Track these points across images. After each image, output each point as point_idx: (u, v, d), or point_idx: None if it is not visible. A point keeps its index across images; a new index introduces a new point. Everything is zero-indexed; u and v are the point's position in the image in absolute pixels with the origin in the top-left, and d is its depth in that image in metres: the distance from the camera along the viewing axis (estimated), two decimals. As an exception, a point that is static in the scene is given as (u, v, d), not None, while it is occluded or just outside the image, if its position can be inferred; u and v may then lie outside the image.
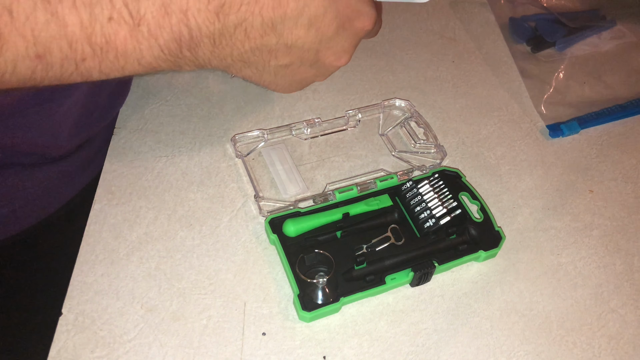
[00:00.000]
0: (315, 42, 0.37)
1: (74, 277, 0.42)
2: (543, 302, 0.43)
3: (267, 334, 0.40)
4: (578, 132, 0.56)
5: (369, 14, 0.38)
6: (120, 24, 0.28)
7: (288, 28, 0.34)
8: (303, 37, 0.35)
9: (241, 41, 0.33)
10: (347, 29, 0.38)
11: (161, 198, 0.48)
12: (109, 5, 0.28)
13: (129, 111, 0.55)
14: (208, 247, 0.45)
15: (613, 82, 0.63)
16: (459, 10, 0.71)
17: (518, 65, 0.64)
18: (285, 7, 0.33)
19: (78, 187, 0.54)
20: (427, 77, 0.62)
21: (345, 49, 0.39)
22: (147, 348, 0.39)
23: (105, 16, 0.28)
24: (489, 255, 0.45)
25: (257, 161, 0.51)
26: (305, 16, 0.34)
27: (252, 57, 0.36)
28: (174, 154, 0.51)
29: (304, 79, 0.41)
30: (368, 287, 0.41)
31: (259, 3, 0.32)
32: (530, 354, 0.40)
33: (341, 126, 0.55)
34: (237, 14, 0.32)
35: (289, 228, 0.44)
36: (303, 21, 0.34)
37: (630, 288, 0.45)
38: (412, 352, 0.40)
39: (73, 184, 0.53)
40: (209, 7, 0.30)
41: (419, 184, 0.47)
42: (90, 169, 0.55)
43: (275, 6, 0.33)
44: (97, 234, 0.45)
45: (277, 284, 0.43)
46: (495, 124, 0.57)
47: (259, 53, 0.36)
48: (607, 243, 0.48)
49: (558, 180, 0.52)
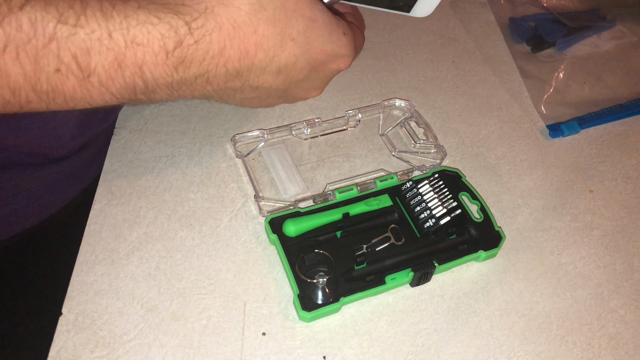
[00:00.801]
0: (284, 84, 0.36)
1: (74, 277, 0.42)
2: (543, 302, 0.43)
3: (267, 334, 0.40)
4: (578, 132, 0.56)
5: (346, 56, 0.37)
6: (67, 76, 0.28)
7: (254, 75, 0.34)
8: (270, 81, 0.35)
9: (202, 86, 0.33)
10: (319, 71, 0.37)
11: (161, 198, 0.48)
12: (55, 58, 0.27)
13: (129, 111, 0.55)
14: (208, 247, 0.45)
15: (613, 82, 0.63)
16: (459, 10, 0.71)
17: (518, 65, 0.64)
18: (252, 58, 0.32)
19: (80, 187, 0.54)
20: (427, 77, 0.62)
21: (316, 86, 0.39)
22: (147, 348, 0.39)
23: (51, 68, 0.28)
24: (489, 255, 0.45)
25: (257, 161, 0.51)
26: (274, 65, 0.34)
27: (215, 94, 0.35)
28: (174, 154, 0.51)
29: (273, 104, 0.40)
30: (368, 287, 0.41)
31: (224, 56, 0.31)
32: (530, 354, 0.40)
33: (341, 126, 0.55)
34: (200, 67, 0.31)
35: (289, 228, 0.44)
36: (271, 69, 0.34)
37: (630, 288, 0.45)
38: (412, 352, 0.40)
39: (75, 184, 0.53)
40: (166, 62, 0.29)
41: (419, 184, 0.47)
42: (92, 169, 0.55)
43: (241, 58, 0.32)
44: (97, 234, 0.45)
45: (277, 284, 0.43)
46: (495, 124, 0.57)
47: (222, 92, 0.35)
48: (607, 243, 0.48)
49: (558, 180, 0.52)
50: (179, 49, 0.29)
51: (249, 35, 0.31)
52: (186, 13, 0.29)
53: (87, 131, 0.51)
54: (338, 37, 0.36)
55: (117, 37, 0.28)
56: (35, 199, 0.50)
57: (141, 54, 0.29)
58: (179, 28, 0.29)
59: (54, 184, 0.51)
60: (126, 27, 0.28)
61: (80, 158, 0.52)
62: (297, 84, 0.37)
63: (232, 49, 0.31)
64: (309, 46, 0.34)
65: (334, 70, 0.38)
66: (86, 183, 0.55)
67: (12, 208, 0.48)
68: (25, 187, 0.48)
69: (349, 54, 0.37)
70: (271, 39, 0.32)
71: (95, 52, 0.28)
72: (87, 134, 0.51)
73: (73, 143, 0.50)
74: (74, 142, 0.50)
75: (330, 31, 0.35)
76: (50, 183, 0.50)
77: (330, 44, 0.36)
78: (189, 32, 0.29)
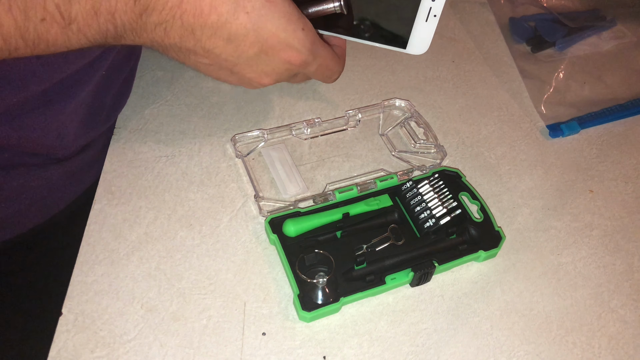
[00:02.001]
0: (233, 56, 0.38)
1: (74, 277, 0.42)
2: (543, 302, 0.43)
3: (267, 334, 0.40)
4: (578, 132, 0.56)
5: (298, 50, 0.39)
6: (52, 24, 0.31)
7: (206, 36, 0.36)
8: (220, 47, 0.37)
9: (161, 37, 0.35)
10: (270, 56, 0.38)
11: (161, 198, 0.48)
12: (41, 9, 0.30)
13: (129, 111, 0.55)
14: (208, 247, 0.45)
15: (613, 82, 0.63)
16: (459, 10, 0.71)
17: (518, 65, 0.64)
18: (206, 17, 0.34)
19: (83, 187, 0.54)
20: (427, 77, 0.62)
21: (267, 72, 0.40)
22: (147, 348, 0.39)
23: (38, 17, 0.30)
24: (489, 255, 0.45)
25: (257, 161, 0.51)
26: (225, 30, 0.36)
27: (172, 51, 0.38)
28: (174, 154, 0.51)
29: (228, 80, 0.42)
30: (368, 287, 0.42)
31: (180, 9, 0.34)
32: (530, 354, 0.40)
33: (341, 126, 0.55)
34: (159, 15, 0.34)
35: (289, 228, 0.44)
36: (222, 34, 0.36)
37: (630, 288, 0.45)
38: (412, 352, 0.40)
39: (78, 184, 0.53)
40: (134, 9, 0.33)
41: (419, 184, 0.47)
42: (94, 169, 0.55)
43: (196, 14, 0.34)
44: (97, 234, 0.45)
45: (277, 284, 0.43)
46: (495, 124, 0.57)
47: (177, 49, 0.37)
48: (607, 243, 0.48)
49: (558, 180, 0.52)
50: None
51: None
52: None
53: (90, 131, 0.51)
54: (294, 29, 0.37)
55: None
56: (38, 199, 0.50)
57: (114, 1, 0.32)
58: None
59: (57, 184, 0.51)
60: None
61: (82, 158, 0.52)
62: (247, 61, 0.38)
63: (188, 4, 0.34)
64: (261, 24, 0.36)
65: (284, 60, 0.39)
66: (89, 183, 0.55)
67: (16, 208, 0.49)
68: (28, 188, 0.48)
69: (301, 49, 0.39)
70: (226, 5, 0.35)
71: (75, 1, 0.31)
72: (90, 134, 0.51)
73: (76, 143, 0.50)
74: (77, 142, 0.50)
75: (288, 19, 0.37)
76: (53, 183, 0.50)
77: (284, 32, 0.37)
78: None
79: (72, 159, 0.51)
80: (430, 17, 0.43)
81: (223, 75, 0.41)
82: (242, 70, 0.40)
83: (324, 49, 0.41)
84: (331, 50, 0.43)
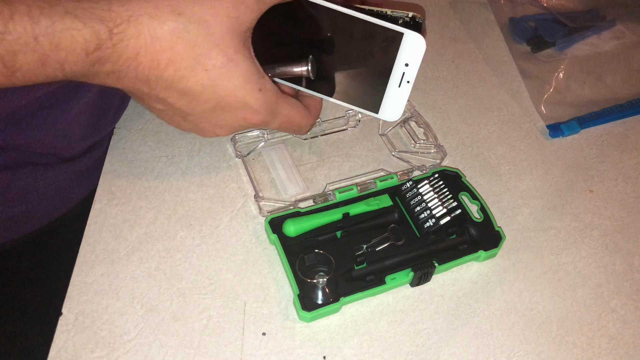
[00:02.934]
0: (187, 108, 0.37)
1: (74, 277, 0.42)
2: (543, 302, 0.43)
3: (267, 334, 0.40)
4: (578, 132, 0.56)
5: (256, 110, 0.38)
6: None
7: (161, 87, 0.35)
8: (174, 99, 0.36)
9: (114, 81, 0.35)
10: (226, 112, 0.38)
11: (161, 198, 0.48)
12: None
13: (129, 111, 0.55)
14: (208, 247, 0.45)
15: (613, 82, 0.63)
16: (459, 10, 0.71)
17: (518, 65, 0.64)
18: (162, 71, 0.34)
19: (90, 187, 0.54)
20: (427, 77, 0.62)
21: (221, 126, 0.40)
22: (147, 348, 0.39)
23: None
24: (489, 255, 0.45)
25: (257, 161, 0.51)
26: (180, 85, 0.35)
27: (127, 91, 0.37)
28: (174, 154, 0.51)
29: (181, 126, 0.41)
30: (368, 287, 0.41)
31: (136, 61, 0.33)
32: (530, 354, 0.40)
33: (341, 126, 0.55)
34: (113, 65, 0.33)
35: (289, 228, 0.44)
36: (177, 88, 0.35)
37: (630, 288, 0.45)
38: (412, 352, 0.40)
39: (85, 184, 0.54)
40: (85, 60, 0.32)
41: (419, 184, 0.47)
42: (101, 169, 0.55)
43: (152, 67, 0.34)
44: (97, 234, 0.45)
45: (277, 284, 0.43)
46: (495, 124, 0.57)
47: (131, 92, 0.37)
48: (607, 243, 0.48)
49: (558, 180, 0.52)
50: (98, 50, 0.32)
51: (165, 50, 0.33)
52: (110, 19, 0.32)
53: (96, 132, 0.51)
54: (252, 89, 0.37)
55: (42, 41, 0.30)
56: (46, 198, 0.50)
57: (64, 55, 0.31)
58: (101, 33, 0.32)
59: (64, 184, 0.51)
60: (52, 33, 0.30)
61: (89, 158, 0.52)
62: (202, 114, 0.38)
63: (145, 57, 0.33)
64: (219, 82, 0.36)
65: (241, 119, 0.39)
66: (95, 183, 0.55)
67: (23, 208, 0.49)
68: (35, 187, 0.48)
69: (259, 109, 0.38)
70: (184, 61, 0.34)
71: (21, 54, 0.30)
72: (96, 134, 0.52)
73: (82, 143, 0.50)
74: (83, 142, 0.50)
75: (247, 79, 0.36)
76: (60, 183, 0.50)
77: (242, 91, 0.37)
78: (109, 37, 0.32)
79: (79, 159, 0.51)
80: (404, 84, 0.42)
81: (176, 121, 0.41)
82: (195, 120, 0.39)
83: (286, 106, 0.41)
84: (296, 106, 0.42)
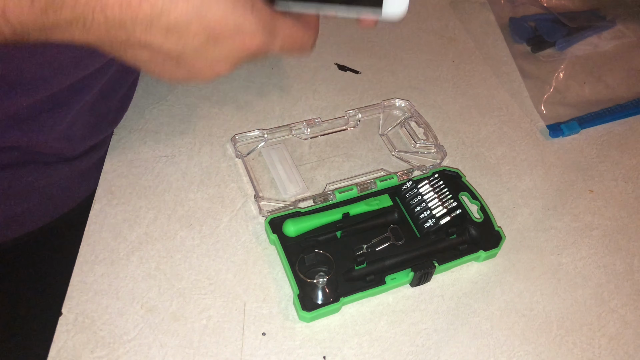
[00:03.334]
0: (178, 49, 0.33)
1: (74, 277, 0.42)
2: (543, 302, 0.43)
3: (267, 334, 0.40)
4: (578, 132, 0.56)
5: (252, 33, 0.34)
6: None
7: (140, 30, 0.31)
8: (160, 40, 0.32)
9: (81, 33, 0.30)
10: (221, 43, 0.34)
11: (161, 198, 0.48)
12: None
13: (129, 111, 0.55)
14: (208, 247, 0.45)
15: (613, 82, 0.63)
16: (459, 10, 0.71)
17: (518, 65, 0.64)
18: (136, 9, 0.30)
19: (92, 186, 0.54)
20: (427, 77, 0.62)
21: (219, 60, 0.35)
22: (147, 348, 0.39)
23: None
24: (489, 255, 0.45)
25: (257, 161, 0.51)
26: (162, 22, 0.31)
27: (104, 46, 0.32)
28: (174, 154, 0.51)
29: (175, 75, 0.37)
30: (368, 287, 0.41)
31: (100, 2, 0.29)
32: (530, 354, 0.40)
33: (341, 126, 0.55)
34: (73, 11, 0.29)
35: (289, 228, 0.44)
36: (160, 26, 0.31)
37: (630, 288, 0.45)
38: (412, 352, 0.40)
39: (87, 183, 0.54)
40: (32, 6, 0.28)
41: (419, 184, 0.47)
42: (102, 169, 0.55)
43: (123, 6, 0.29)
44: (97, 234, 0.45)
45: (277, 284, 0.43)
46: (495, 124, 0.57)
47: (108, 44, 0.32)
48: (607, 243, 0.48)
49: (558, 180, 0.52)
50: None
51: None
52: None
53: (98, 133, 0.51)
54: (243, 11, 0.33)
55: None
56: (48, 197, 0.50)
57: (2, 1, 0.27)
58: None
59: (66, 183, 0.51)
60: None
61: (91, 158, 0.52)
62: (195, 52, 0.34)
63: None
64: (204, 11, 0.32)
65: (239, 47, 0.35)
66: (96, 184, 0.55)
67: (25, 206, 0.49)
68: (37, 186, 0.48)
69: (256, 31, 0.34)
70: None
71: None
72: (97, 135, 0.52)
73: (83, 144, 0.50)
74: (84, 143, 0.50)
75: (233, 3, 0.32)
76: (63, 182, 0.50)
77: (233, 15, 0.33)
78: None
79: (80, 159, 0.51)
80: None
81: (168, 70, 0.36)
82: (190, 62, 0.35)
83: (284, 23, 0.36)
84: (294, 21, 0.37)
